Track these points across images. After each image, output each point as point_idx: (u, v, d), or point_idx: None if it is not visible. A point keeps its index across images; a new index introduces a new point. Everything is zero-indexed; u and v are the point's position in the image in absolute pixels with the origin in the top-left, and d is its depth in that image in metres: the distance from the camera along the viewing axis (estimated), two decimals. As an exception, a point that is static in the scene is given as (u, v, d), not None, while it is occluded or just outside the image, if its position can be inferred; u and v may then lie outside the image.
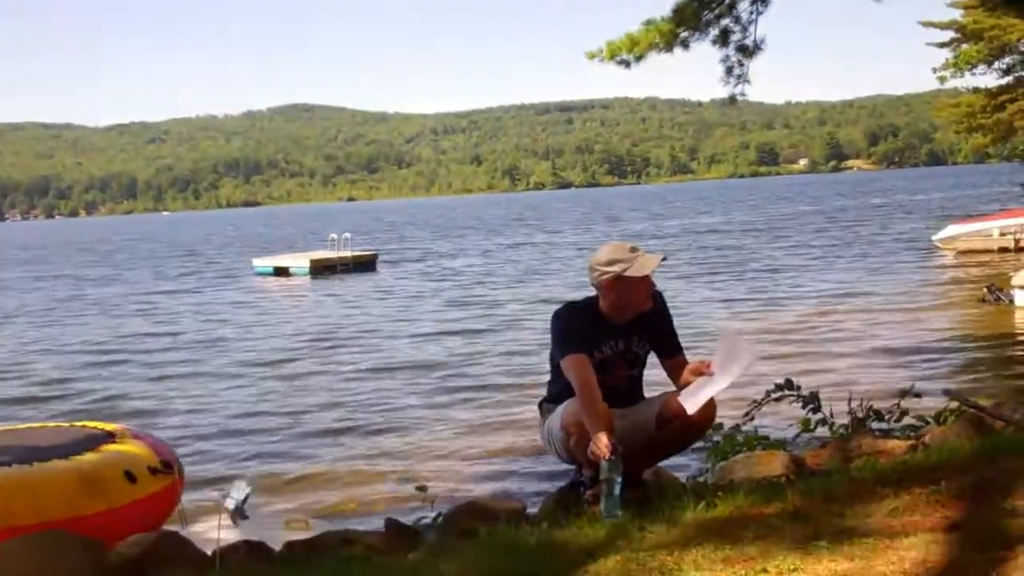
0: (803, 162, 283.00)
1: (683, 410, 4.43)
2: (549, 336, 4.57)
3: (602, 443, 4.06)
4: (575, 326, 4.51)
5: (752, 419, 5.45)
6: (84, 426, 5.85)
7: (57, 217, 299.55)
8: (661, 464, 4.87)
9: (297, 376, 12.00)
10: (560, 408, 4.51)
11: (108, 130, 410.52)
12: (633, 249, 4.45)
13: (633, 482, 4.27)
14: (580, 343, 4.43)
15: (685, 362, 4.61)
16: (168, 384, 11.93)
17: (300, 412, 9.80)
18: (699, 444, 5.45)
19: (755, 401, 5.51)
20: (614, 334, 4.53)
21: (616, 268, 4.40)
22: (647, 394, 4.72)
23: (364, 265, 31.45)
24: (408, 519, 4.73)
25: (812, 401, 5.52)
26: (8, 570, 3.69)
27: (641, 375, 4.73)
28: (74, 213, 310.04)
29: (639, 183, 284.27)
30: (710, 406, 4.46)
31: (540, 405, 4.88)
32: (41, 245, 76.68)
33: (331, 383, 11.40)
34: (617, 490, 4.02)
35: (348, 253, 31.91)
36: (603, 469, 4.03)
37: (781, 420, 6.32)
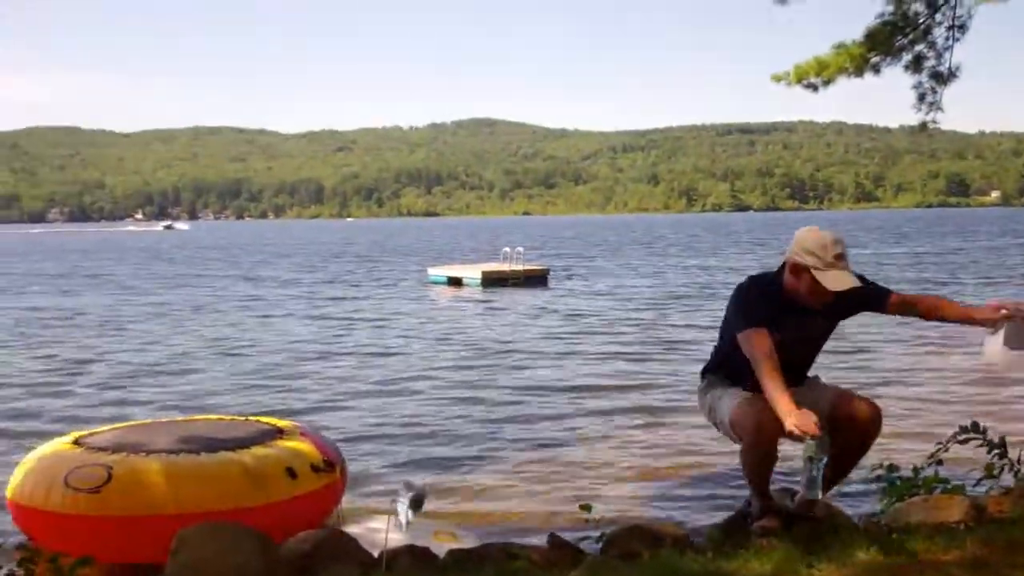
0: (995, 194, 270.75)
1: (852, 416, 4.35)
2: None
3: (810, 419, 3.94)
4: (758, 301, 4.45)
5: (940, 462, 5.21)
6: (257, 421, 6.09)
7: (247, 219, 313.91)
8: (832, 500, 4.73)
9: (463, 387, 12.16)
10: (730, 402, 4.49)
11: (299, 137, 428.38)
12: (838, 257, 4.28)
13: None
14: (761, 319, 4.36)
15: (903, 295, 4.57)
16: (339, 387, 12.27)
17: (464, 423, 9.92)
18: (874, 483, 5.26)
19: (939, 443, 5.27)
20: (794, 315, 4.44)
21: (810, 261, 4.29)
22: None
23: (535, 280, 31.64)
24: (570, 537, 4.72)
25: (998, 446, 5.25)
26: (183, 557, 3.83)
27: (813, 356, 4.71)
28: (263, 215, 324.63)
29: (821, 208, 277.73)
30: (876, 414, 4.36)
31: (703, 373, 4.93)
32: (228, 244, 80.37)
33: (497, 395, 11.50)
34: (821, 469, 3.94)
35: (520, 267, 32.25)
36: (809, 447, 3.92)
37: (963, 464, 6.02)
